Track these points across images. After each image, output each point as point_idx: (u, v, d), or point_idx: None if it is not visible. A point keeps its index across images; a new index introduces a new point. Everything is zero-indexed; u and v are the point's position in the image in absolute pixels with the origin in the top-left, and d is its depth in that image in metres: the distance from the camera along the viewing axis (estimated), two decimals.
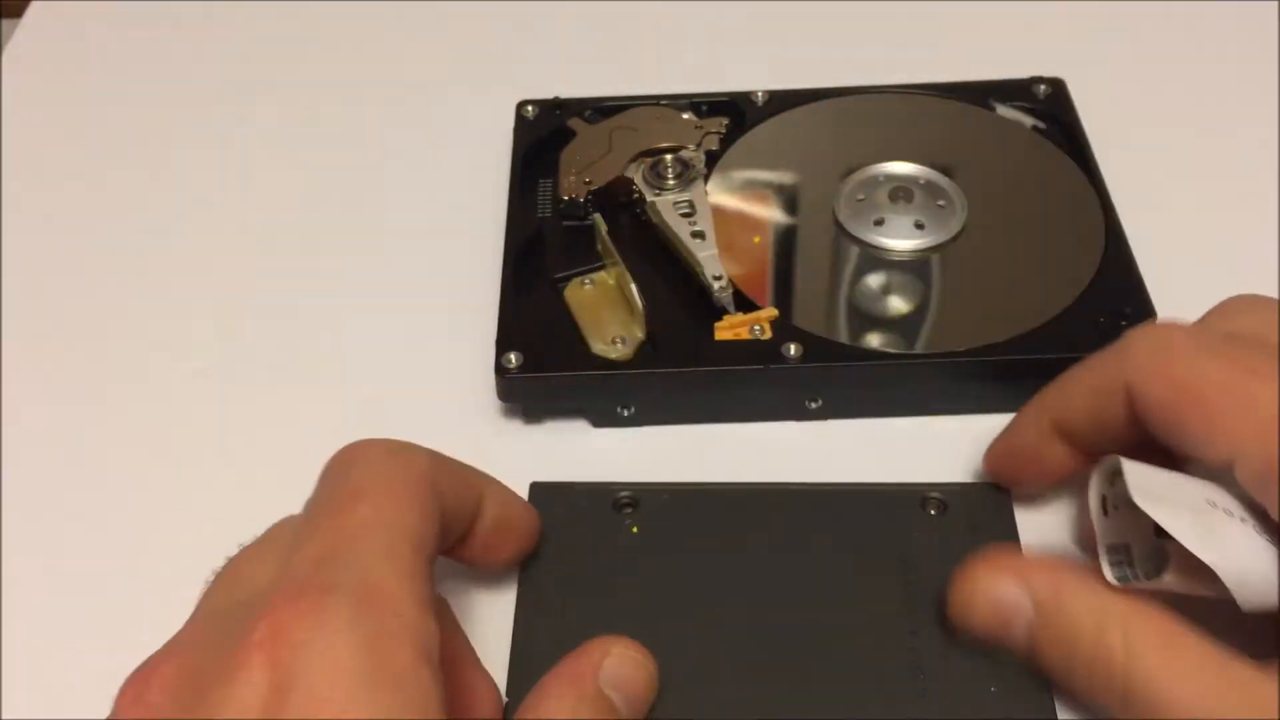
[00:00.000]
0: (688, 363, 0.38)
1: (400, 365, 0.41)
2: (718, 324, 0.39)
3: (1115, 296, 0.39)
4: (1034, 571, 0.30)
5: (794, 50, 0.53)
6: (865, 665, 0.32)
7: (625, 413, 0.39)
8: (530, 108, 0.47)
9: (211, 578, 0.29)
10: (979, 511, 0.35)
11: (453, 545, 0.31)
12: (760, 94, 0.46)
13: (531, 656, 0.32)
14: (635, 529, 0.35)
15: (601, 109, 0.46)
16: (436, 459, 0.29)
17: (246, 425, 0.40)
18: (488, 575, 0.34)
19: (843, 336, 0.39)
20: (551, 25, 0.55)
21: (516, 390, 0.38)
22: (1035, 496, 0.36)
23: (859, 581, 0.34)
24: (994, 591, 0.30)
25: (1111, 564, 0.29)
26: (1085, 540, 0.35)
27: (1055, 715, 0.31)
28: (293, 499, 0.29)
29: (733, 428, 0.39)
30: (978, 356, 0.38)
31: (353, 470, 0.28)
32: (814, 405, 0.38)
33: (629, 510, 0.36)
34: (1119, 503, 0.29)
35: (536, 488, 0.36)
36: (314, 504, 0.28)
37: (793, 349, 0.37)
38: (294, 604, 0.24)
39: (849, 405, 0.39)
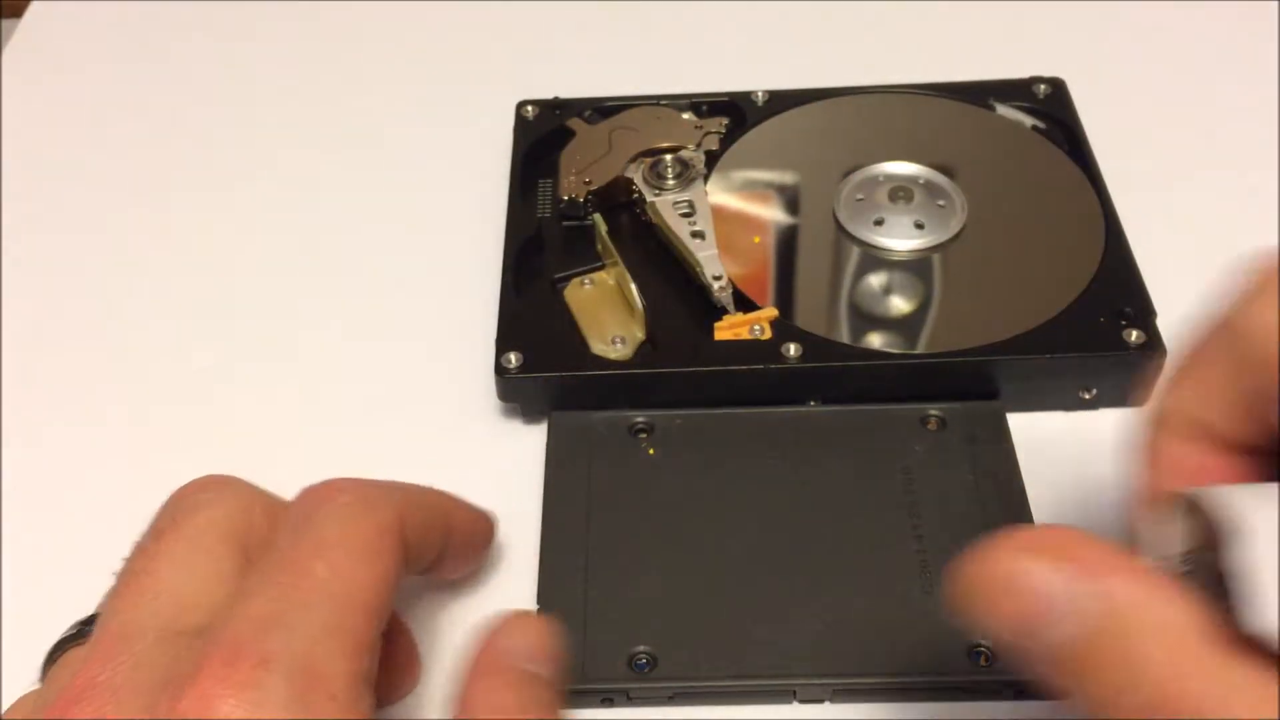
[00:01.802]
0: (687, 363, 0.38)
1: (400, 365, 0.41)
2: (717, 324, 0.39)
3: (1115, 296, 0.39)
4: (1095, 571, 0.22)
5: (794, 50, 0.53)
6: (874, 567, 0.34)
7: None
8: (530, 108, 0.47)
9: (121, 571, 0.28)
10: (975, 426, 0.37)
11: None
12: (760, 94, 0.46)
13: (557, 572, 0.34)
14: (651, 450, 0.37)
15: (601, 109, 0.46)
16: (405, 502, 0.29)
17: (246, 425, 0.40)
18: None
19: (843, 336, 0.39)
20: (551, 25, 0.55)
21: (516, 390, 0.38)
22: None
23: (865, 492, 0.36)
24: (1027, 580, 0.23)
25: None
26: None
27: None
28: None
29: None
30: (978, 356, 0.38)
31: (317, 516, 0.27)
32: (814, 405, 0.38)
33: (644, 435, 0.37)
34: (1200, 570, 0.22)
35: (556, 417, 0.38)
36: (274, 549, 0.27)
37: (792, 349, 0.37)
38: (228, 673, 0.23)
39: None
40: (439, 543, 0.31)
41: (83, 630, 0.28)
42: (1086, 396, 0.38)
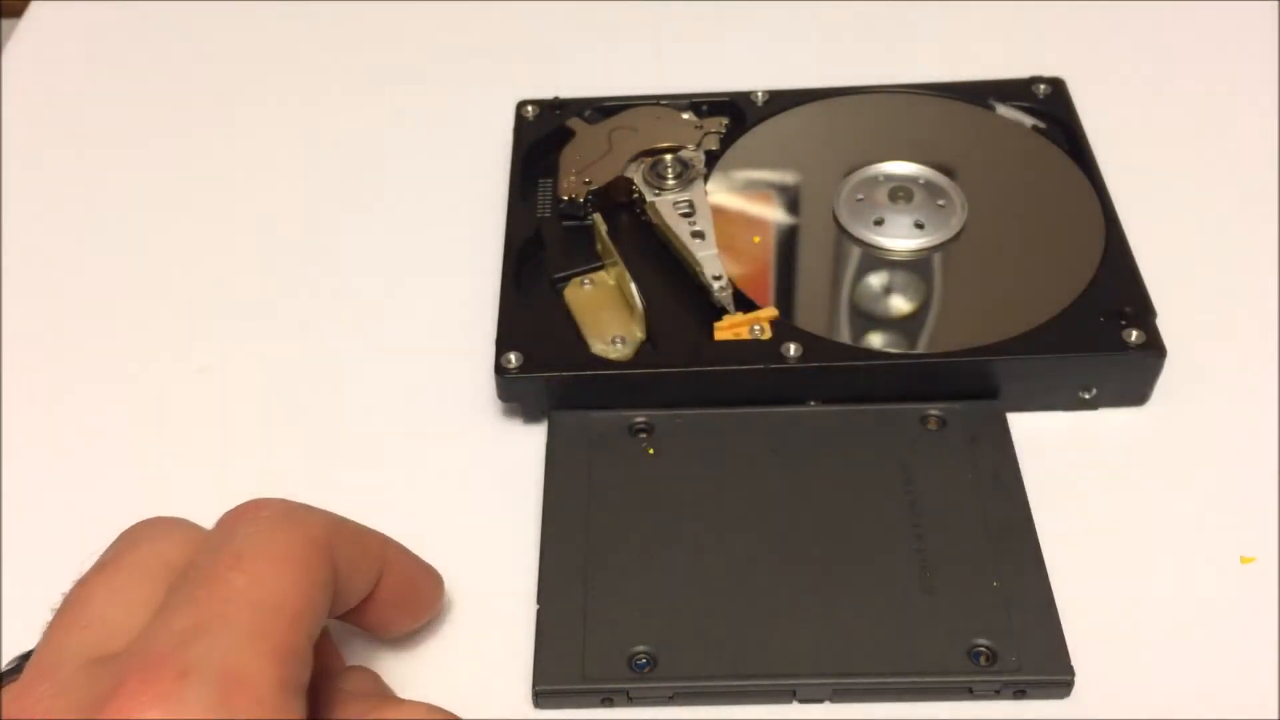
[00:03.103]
0: (687, 363, 0.38)
1: (400, 365, 0.41)
2: (717, 324, 0.39)
3: (1115, 296, 0.39)
4: None
5: (794, 50, 0.53)
6: (874, 566, 0.34)
7: None
8: (530, 108, 0.47)
9: (59, 604, 0.27)
10: (976, 425, 0.37)
11: (349, 611, 0.30)
12: (760, 94, 0.46)
13: (557, 572, 0.34)
14: (651, 450, 0.37)
15: (601, 109, 0.46)
16: (336, 523, 0.28)
17: (247, 425, 0.40)
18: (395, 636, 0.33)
19: (842, 336, 0.39)
20: (551, 25, 0.55)
21: (516, 390, 0.38)
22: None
23: (865, 492, 0.36)
24: None
25: None
26: None
27: (1053, 601, 0.33)
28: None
29: None
30: (978, 356, 0.38)
31: (238, 532, 0.27)
32: (813, 405, 0.38)
33: (644, 435, 0.37)
34: None
35: (556, 417, 0.38)
36: (193, 566, 0.26)
37: (792, 349, 0.37)
38: (146, 686, 0.23)
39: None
40: (369, 577, 0.30)
41: (23, 664, 0.27)
42: (1086, 396, 0.38)
